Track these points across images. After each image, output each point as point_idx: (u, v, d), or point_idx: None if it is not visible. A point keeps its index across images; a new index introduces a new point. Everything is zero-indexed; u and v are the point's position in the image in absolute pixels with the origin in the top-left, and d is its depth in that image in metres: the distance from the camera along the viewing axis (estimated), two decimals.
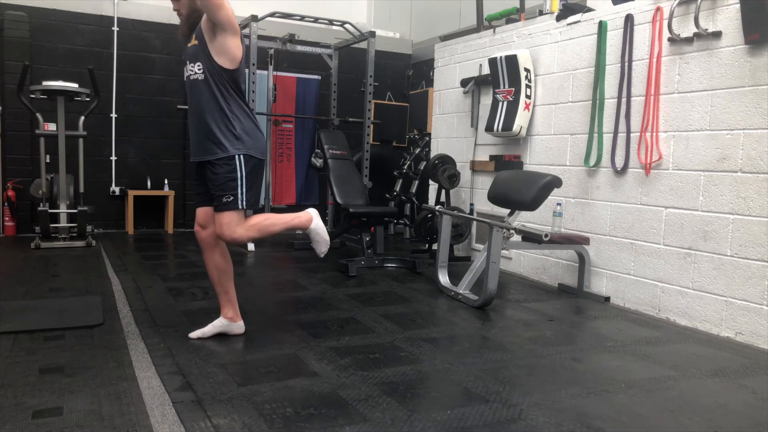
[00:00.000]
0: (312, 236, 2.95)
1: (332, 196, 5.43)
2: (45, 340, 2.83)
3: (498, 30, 5.14)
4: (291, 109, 7.07)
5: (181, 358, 2.64)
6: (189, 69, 2.76)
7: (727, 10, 3.34)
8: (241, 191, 2.72)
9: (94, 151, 6.34)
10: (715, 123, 3.42)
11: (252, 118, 2.82)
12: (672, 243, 3.65)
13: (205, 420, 2.05)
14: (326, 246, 2.97)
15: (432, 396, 2.38)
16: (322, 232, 2.95)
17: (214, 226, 2.82)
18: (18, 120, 6.02)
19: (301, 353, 2.76)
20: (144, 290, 3.87)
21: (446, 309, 3.74)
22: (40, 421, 2.00)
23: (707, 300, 3.44)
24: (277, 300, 3.87)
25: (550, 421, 2.14)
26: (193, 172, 2.96)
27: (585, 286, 4.14)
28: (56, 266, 4.60)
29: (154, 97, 6.67)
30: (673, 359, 2.90)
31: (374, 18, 8.32)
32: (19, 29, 5.96)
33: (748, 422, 2.24)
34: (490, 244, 3.68)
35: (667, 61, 3.68)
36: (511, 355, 2.87)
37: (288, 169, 7.23)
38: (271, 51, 6.35)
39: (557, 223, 4.32)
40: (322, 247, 2.97)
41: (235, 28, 2.65)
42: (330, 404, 2.20)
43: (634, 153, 3.88)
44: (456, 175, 5.29)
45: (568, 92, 4.40)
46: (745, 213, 3.26)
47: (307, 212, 2.96)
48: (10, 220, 6.07)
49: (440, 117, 5.92)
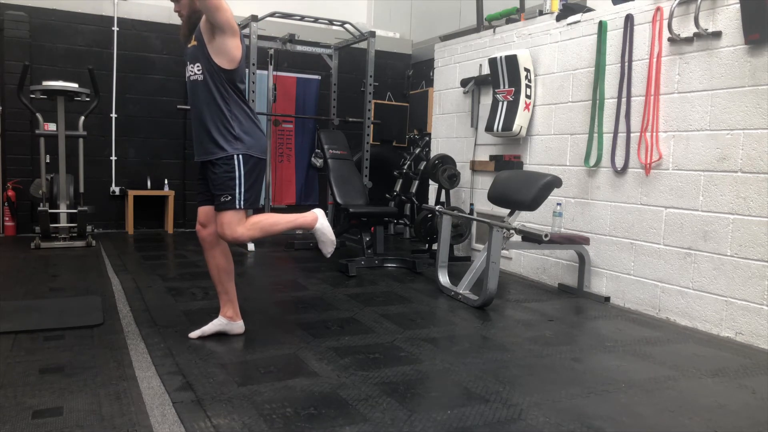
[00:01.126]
0: (318, 236, 2.94)
1: (332, 196, 5.43)
2: (45, 340, 2.83)
3: (498, 30, 5.14)
4: (291, 109, 7.07)
5: (181, 358, 2.64)
6: (189, 70, 2.76)
7: (727, 10, 3.34)
8: (239, 191, 2.72)
9: (94, 151, 6.34)
10: (715, 123, 3.42)
11: (252, 118, 2.82)
12: (672, 243, 3.65)
13: (205, 420, 2.05)
14: (332, 246, 2.96)
15: (432, 396, 2.38)
16: (328, 233, 2.93)
17: (215, 225, 2.82)
18: (18, 120, 6.02)
19: (301, 353, 2.76)
20: (144, 290, 3.87)
21: (446, 309, 3.74)
22: (40, 421, 2.00)
23: (707, 300, 3.44)
24: (277, 300, 3.87)
25: (550, 421, 2.14)
26: (195, 171, 2.97)
27: (585, 286, 4.15)
28: (56, 266, 4.60)
29: (154, 97, 6.67)
30: (673, 359, 2.90)
31: (374, 18, 8.32)
32: (19, 29, 5.97)
33: (748, 422, 2.24)
34: (490, 244, 3.68)
35: (667, 61, 3.68)
36: (511, 355, 2.87)
37: (288, 169, 7.23)
38: (271, 51, 6.35)
39: (557, 223, 4.32)
40: (328, 247, 2.96)
41: (233, 28, 2.65)
42: (330, 404, 2.20)
43: (634, 153, 3.88)
44: (456, 175, 5.29)
45: (568, 92, 4.40)
46: (745, 213, 3.26)
47: (312, 212, 2.95)
48: (10, 220, 6.07)
49: (440, 117, 5.92)
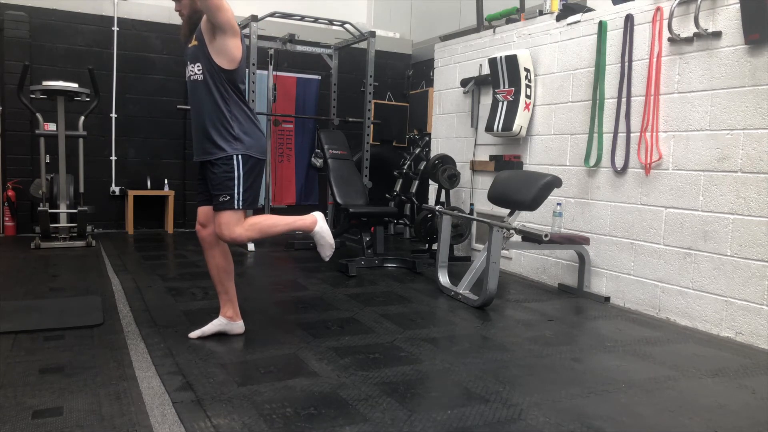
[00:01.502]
0: (317, 239, 2.93)
1: (332, 196, 5.43)
2: (45, 340, 2.82)
3: (498, 30, 5.14)
4: (291, 109, 7.07)
5: (181, 358, 2.64)
6: (190, 69, 2.76)
7: (727, 10, 3.34)
8: (238, 191, 2.72)
9: (94, 151, 6.34)
10: (715, 123, 3.42)
11: (252, 119, 2.82)
12: (672, 243, 3.65)
13: (205, 420, 2.05)
14: (331, 250, 2.95)
15: (432, 396, 2.38)
16: (327, 236, 2.92)
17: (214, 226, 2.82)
18: (18, 120, 6.02)
19: (301, 353, 2.76)
20: (144, 290, 3.87)
21: (446, 309, 3.74)
22: (40, 421, 2.00)
23: (707, 300, 3.44)
24: (277, 300, 3.87)
25: (550, 421, 2.14)
26: (194, 171, 2.97)
27: (585, 286, 4.14)
28: (56, 266, 4.60)
29: (154, 97, 6.67)
30: (673, 359, 2.90)
31: (374, 18, 8.32)
32: (19, 29, 5.97)
33: (748, 422, 2.24)
34: (490, 244, 3.68)
35: (667, 61, 3.68)
36: (511, 355, 2.87)
37: (288, 169, 7.23)
38: (271, 51, 6.35)
39: (557, 223, 4.32)
40: (326, 251, 2.95)
41: (234, 29, 2.65)
42: (330, 404, 2.20)
43: (634, 153, 3.88)
44: (456, 175, 5.29)
45: (568, 92, 4.40)
46: (745, 213, 3.26)
47: (312, 215, 2.94)
48: (10, 220, 6.07)
49: (440, 117, 5.92)
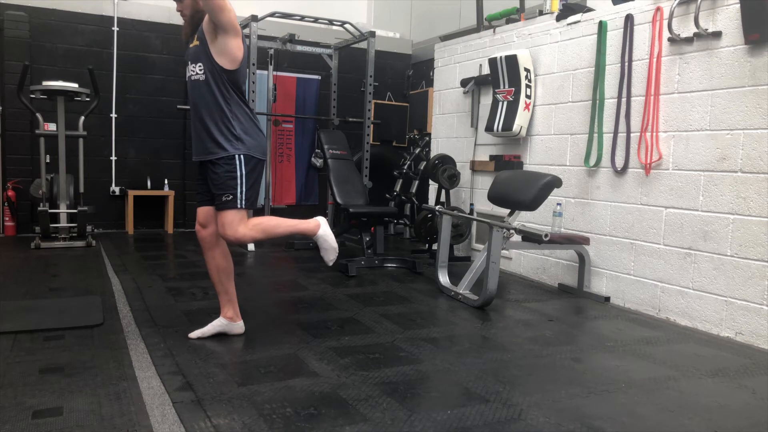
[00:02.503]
0: (320, 244, 2.92)
1: (332, 196, 5.43)
2: (45, 340, 2.82)
3: (498, 30, 5.14)
4: (291, 109, 7.07)
5: (181, 358, 2.64)
6: (190, 69, 2.76)
7: (727, 10, 3.34)
8: (240, 190, 2.73)
9: (94, 151, 6.34)
10: (715, 123, 3.42)
11: (252, 119, 2.83)
12: (672, 243, 3.65)
13: (205, 420, 2.05)
14: (334, 254, 2.94)
15: (432, 396, 2.38)
16: (331, 240, 2.91)
17: (214, 226, 2.83)
18: (18, 120, 6.02)
19: (301, 353, 2.76)
20: (144, 290, 3.87)
21: (446, 309, 3.74)
22: (40, 421, 2.00)
23: (707, 300, 3.44)
24: (277, 300, 3.87)
25: (550, 421, 2.14)
26: (194, 171, 2.97)
27: (585, 286, 4.15)
28: (56, 266, 4.60)
29: (154, 97, 6.67)
30: (673, 359, 2.90)
31: (374, 18, 8.32)
32: (19, 29, 5.96)
33: (748, 422, 2.24)
34: (490, 244, 3.68)
35: (667, 61, 3.68)
36: (511, 355, 2.87)
37: (288, 169, 7.23)
38: (271, 51, 6.35)
39: (557, 223, 4.32)
40: (330, 255, 2.94)
41: (236, 29, 2.65)
42: (330, 404, 2.20)
43: (634, 153, 3.88)
44: (456, 175, 5.29)
45: (568, 92, 4.40)
46: (745, 213, 3.26)
47: (315, 219, 2.93)
48: (10, 220, 6.07)
49: (440, 117, 5.92)
